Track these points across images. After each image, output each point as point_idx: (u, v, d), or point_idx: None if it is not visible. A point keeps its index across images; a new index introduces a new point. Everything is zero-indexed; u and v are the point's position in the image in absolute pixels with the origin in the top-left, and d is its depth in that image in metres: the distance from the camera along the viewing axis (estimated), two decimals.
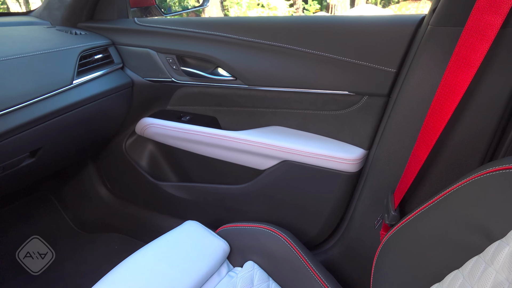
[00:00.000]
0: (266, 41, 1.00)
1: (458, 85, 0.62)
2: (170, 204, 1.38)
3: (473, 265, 0.48)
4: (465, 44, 0.60)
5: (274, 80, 1.03)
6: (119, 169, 1.43)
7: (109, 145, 1.40)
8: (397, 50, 0.86)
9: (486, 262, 0.46)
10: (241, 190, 1.20)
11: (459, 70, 0.61)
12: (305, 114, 1.07)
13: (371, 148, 1.00)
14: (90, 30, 1.21)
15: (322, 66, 0.96)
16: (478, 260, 0.48)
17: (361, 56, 0.90)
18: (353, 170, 1.00)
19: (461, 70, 0.61)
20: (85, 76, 1.03)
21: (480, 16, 0.57)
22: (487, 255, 0.47)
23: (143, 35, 1.16)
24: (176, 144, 1.24)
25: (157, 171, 1.40)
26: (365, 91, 0.94)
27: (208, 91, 1.17)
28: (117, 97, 1.15)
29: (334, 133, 1.04)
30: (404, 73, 0.84)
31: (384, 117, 0.94)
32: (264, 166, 1.12)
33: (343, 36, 0.91)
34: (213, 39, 1.07)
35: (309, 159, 1.02)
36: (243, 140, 1.09)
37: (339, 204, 1.08)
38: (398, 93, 0.84)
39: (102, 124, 1.19)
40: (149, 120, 1.25)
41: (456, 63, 0.62)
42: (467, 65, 0.60)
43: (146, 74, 1.19)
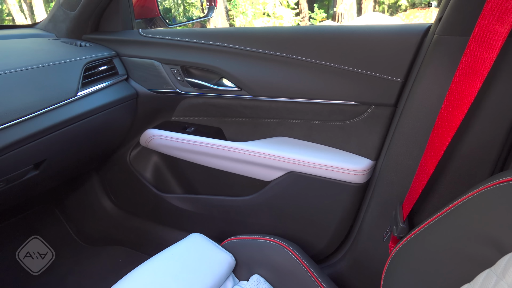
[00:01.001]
0: (271, 52, 1.01)
1: (465, 94, 0.62)
2: (175, 217, 1.38)
3: (484, 278, 0.48)
4: (472, 53, 0.60)
5: (279, 91, 1.03)
6: (123, 181, 1.44)
7: (113, 157, 1.41)
8: (403, 60, 0.86)
9: (497, 276, 0.46)
10: (246, 202, 1.20)
11: (467, 80, 0.62)
12: (311, 124, 1.07)
13: (378, 158, 1.00)
14: (95, 42, 1.23)
15: (328, 76, 0.96)
16: (489, 274, 0.47)
17: (367, 66, 0.90)
18: (360, 181, 1.00)
19: (469, 80, 0.61)
20: (90, 88, 1.04)
21: (486, 25, 0.58)
22: (498, 268, 0.46)
23: (148, 46, 1.18)
24: (181, 156, 1.25)
25: (162, 183, 1.40)
26: (372, 101, 0.94)
27: (213, 101, 1.18)
28: (122, 108, 1.16)
29: (340, 143, 1.04)
30: (410, 83, 0.84)
31: (391, 127, 0.94)
32: (270, 178, 1.12)
33: (349, 46, 0.92)
34: (218, 49, 1.08)
35: (315, 170, 1.02)
36: (248, 151, 1.09)
37: (347, 216, 1.07)
38: (405, 103, 0.85)
39: (106, 136, 1.20)
40: (153, 131, 1.26)
41: (463, 73, 0.62)
42: (475, 74, 0.60)
43: (150, 85, 1.20)
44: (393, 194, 0.90)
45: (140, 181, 1.38)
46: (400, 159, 0.86)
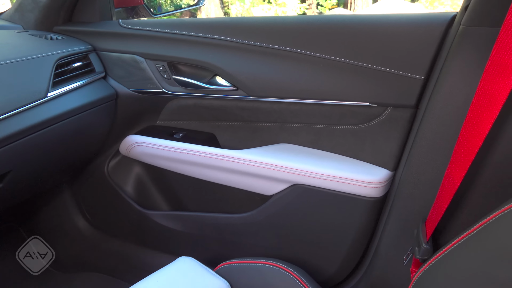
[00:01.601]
0: (273, 45, 1.02)
1: (496, 93, 0.62)
2: (161, 237, 1.38)
3: None
4: (503, 46, 0.61)
5: (281, 90, 1.04)
6: (100, 196, 1.44)
7: (89, 168, 1.41)
8: (425, 54, 0.87)
9: None
10: (244, 220, 1.20)
11: (497, 76, 0.62)
12: (318, 129, 1.08)
13: (397, 169, 1.00)
14: (68, 34, 1.24)
15: (338, 73, 0.97)
16: None
17: (383, 62, 0.91)
18: (376, 195, 1.00)
19: (500, 76, 0.62)
20: (62, 88, 1.04)
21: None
22: None
23: (129, 39, 1.18)
24: (168, 166, 1.25)
25: (145, 198, 1.41)
26: (389, 102, 0.95)
27: (205, 103, 1.18)
28: (99, 111, 1.17)
29: (353, 151, 1.05)
30: (433, 81, 0.85)
31: (411, 132, 0.95)
32: (272, 191, 1.13)
33: (363, 38, 0.93)
34: (210, 43, 1.09)
35: (324, 182, 1.02)
36: (246, 160, 1.10)
37: (361, 236, 1.07)
38: (427, 104, 0.85)
39: (80, 143, 1.20)
40: (135, 138, 1.26)
41: (494, 68, 0.63)
42: (507, 70, 0.61)
43: (132, 84, 1.21)
44: (414, 209, 0.90)
45: (119, 196, 1.38)
46: (422, 169, 0.87)
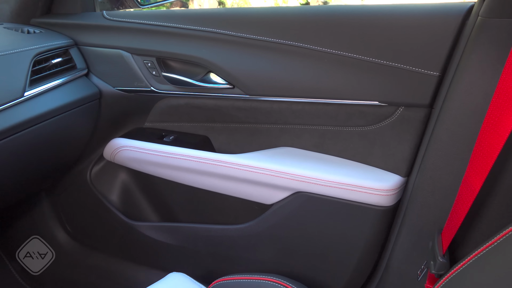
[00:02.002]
0: (273, 39, 1.02)
1: None
2: (149, 251, 1.38)
3: None
4: None
5: (282, 88, 1.04)
6: (82, 205, 1.44)
7: (70, 175, 1.41)
8: (440, 48, 0.87)
9: None
10: (241, 232, 1.20)
11: None
12: (323, 131, 1.08)
13: (410, 174, 1.00)
14: (46, 28, 1.24)
15: (344, 69, 0.97)
16: None
17: (394, 57, 0.92)
18: (387, 204, 1.00)
19: None
20: (40, 87, 1.05)
21: None
22: None
23: (114, 32, 1.19)
24: (157, 172, 1.26)
25: (132, 208, 1.41)
26: (401, 101, 0.95)
27: (198, 103, 1.19)
28: (80, 112, 1.17)
29: (361, 155, 1.05)
30: (449, 78, 0.85)
31: (425, 134, 0.95)
32: (272, 200, 1.13)
33: (371, 31, 0.93)
34: (204, 36, 1.09)
35: (330, 189, 1.03)
36: (244, 166, 1.10)
37: (371, 249, 1.08)
38: (442, 103, 0.86)
39: (60, 148, 1.20)
40: (121, 141, 1.26)
41: None
42: None
43: (117, 82, 1.21)
44: (429, 219, 0.91)
45: (103, 206, 1.38)
46: (437, 175, 0.87)
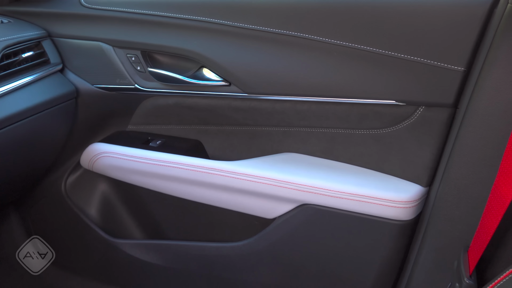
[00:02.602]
0: (274, 29, 1.03)
1: None
2: (133, 273, 1.38)
3: None
4: None
5: (286, 86, 1.05)
6: (56, 220, 1.45)
7: (42, 185, 1.42)
8: (465, 40, 0.88)
9: None
10: (239, 250, 1.20)
11: None
12: (332, 134, 1.09)
13: (431, 184, 1.01)
14: (16, 17, 1.25)
15: (357, 64, 0.98)
16: None
17: (414, 50, 0.92)
18: (406, 218, 1.01)
19: None
20: (8, 84, 1.05)
21: None
22: None
23: (93, 22, 1.19)
24: (142, 182, 1.26)
25: (114, 224, 1.41)
26: (421, 100, 0.96)
27: (189, 102, 1.20)
28: (54, 113, 1.17)
29: (376, 162, 1.06)
30: (476, 73, 0.86)
31: (449, 138, 0.96)
32: (274, 214, 1.13)
33: (387, 20, 0.94)
34: (196, 26, 1.10)
35: (340, 201, 1.03)
36: (241, 174, 1.11)
37: (388, 269, 1.08)
38: (468, 102, 0.87)
39: (31, 154, 1.21)
40: (101, 146, 1.27)
41: None
42: None
43: (97, 79, 1.22)
44: (454, 235, 0.92)
45: (80, 221, 1.38)
46: (463, 185, 0.88)
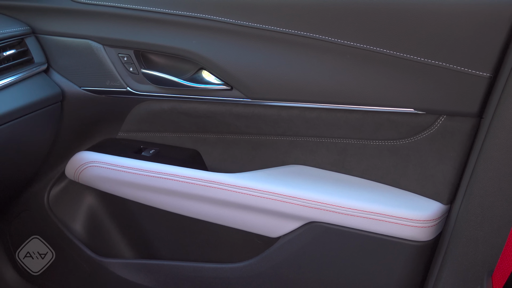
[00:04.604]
0: (281, 29, 1.03)
1: None
2: None
3: None
4: None
5: (293, 91, 1.06)
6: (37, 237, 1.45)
7: (22, 198, 1.42)
8: (491, 43, 0.89)
9: None
10: (239, 272, 1.21)
11: None
12: (344, 145, 1.10)
13: (453, 201, 1.02)
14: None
15: (372, 68, 0.99)
16: None
17: (435, 53, 0.93)
18: (425, 238, 1.01)
19: None
20: None
21: None
22: None
23: (82, 18, 1.20)
24: (133, 196, 1.26)
25: (101, 241, 1.41)
26: (442, 108, 0.97)
27: (187, 108, 1.20)
28: (37, 118, 1.18)
29: (392, 176, 1.06)
30: (503, 80, 0.87)
31: (473, 151, 0.96)
32: (278, 232, 1.13)
33: (406, 21, 0.94)
34: (195, 24, 1.10)
35: (352, 219, 1.03)
36: (243, 188, 1.11)
37: None
38: (494, 112, 0.87)
39: (11, 163, 1.21)
40: (88, 155, 1.27)
41: None
42: None
43: (85, 80, 1.23)
44: (477, 258, 0.92)
45: (65, 238, 1.39)
46: (488, 202, 0.88)
